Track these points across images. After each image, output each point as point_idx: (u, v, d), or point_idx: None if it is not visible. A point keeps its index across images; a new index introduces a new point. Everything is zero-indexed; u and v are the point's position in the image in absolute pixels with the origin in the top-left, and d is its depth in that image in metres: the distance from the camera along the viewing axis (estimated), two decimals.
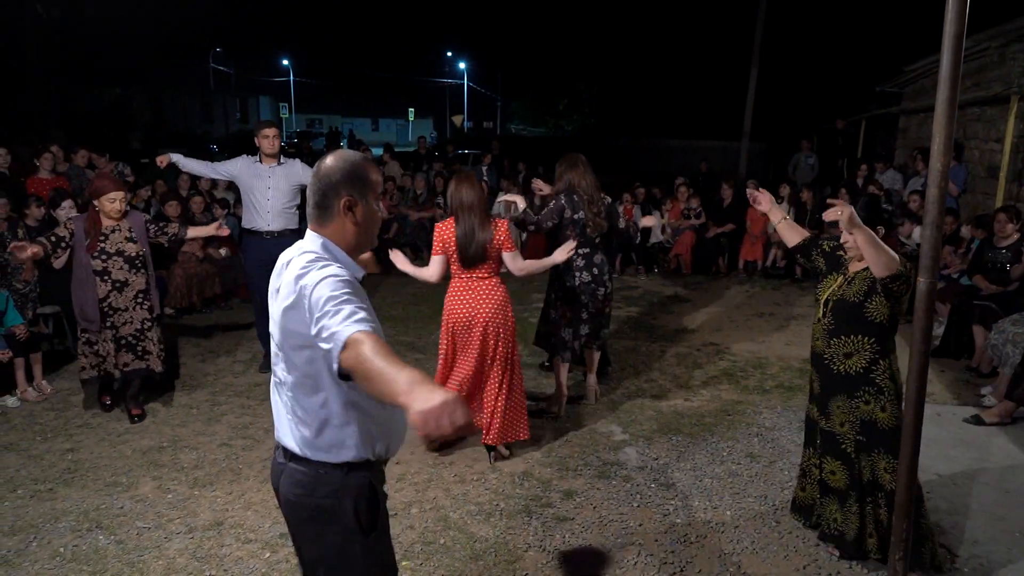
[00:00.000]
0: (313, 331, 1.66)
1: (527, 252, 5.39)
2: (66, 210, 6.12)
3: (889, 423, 3.15)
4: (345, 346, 1.55)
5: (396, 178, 11.88)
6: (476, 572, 3.25)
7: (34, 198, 6.57)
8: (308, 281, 1.73)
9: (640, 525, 3.63)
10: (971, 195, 9.04)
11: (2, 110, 20.08)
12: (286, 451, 1.94)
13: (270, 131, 5.56)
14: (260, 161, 5.55)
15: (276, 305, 1.86)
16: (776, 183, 10.73)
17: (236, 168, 5.62)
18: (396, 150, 15.76)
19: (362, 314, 1.62)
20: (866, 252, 2.91)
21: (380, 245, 8.08)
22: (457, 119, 38.13)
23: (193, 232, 5.07)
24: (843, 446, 3.25)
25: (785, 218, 3.57)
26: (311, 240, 1.91)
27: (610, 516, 3.71)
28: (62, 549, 3.39)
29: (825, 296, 3.26)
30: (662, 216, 10.15)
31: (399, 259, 4.26)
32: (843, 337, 3.17)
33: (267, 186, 5.53)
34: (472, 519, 3.67)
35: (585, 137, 30.50)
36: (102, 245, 4.62)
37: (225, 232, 5.42)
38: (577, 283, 4.88)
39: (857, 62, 21.53)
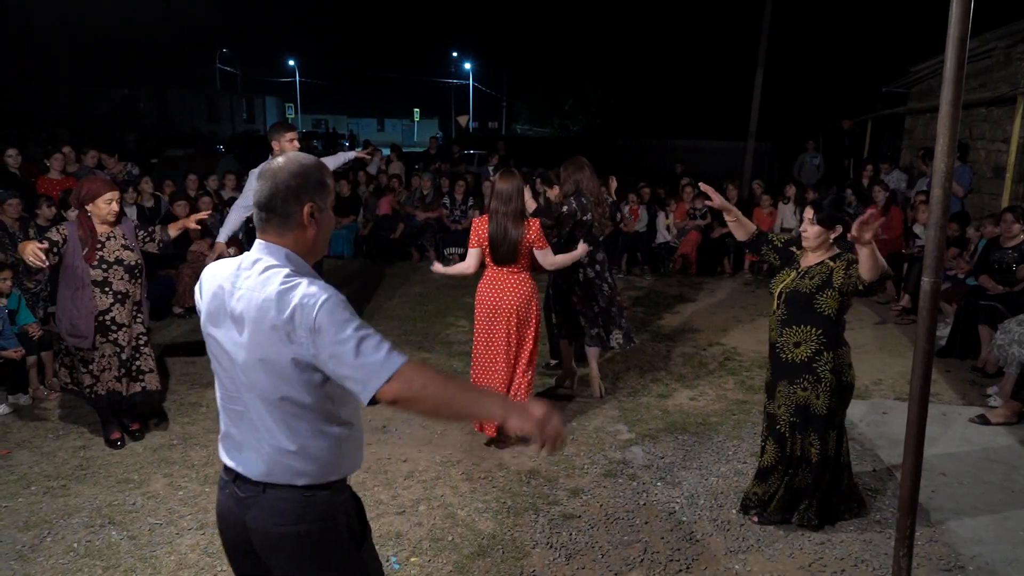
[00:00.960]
0: (328, 359, 1.60)
1: None
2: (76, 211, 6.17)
3: (821, 410, 3.40)
4: (392, 379, 1.58)
5: (401, 177, 11.91)
6: (483, 568, 3.28)
7: (45, 198, 6.64)
8: (302, 300, 1.61)
9: (646, 523, 3.66)
10: (977, 195, 9.04)
11: (13, 112, 20.21)
12: (254, 481, 1.78)
13: (294, 134, 5.37)
14: None
15: (244, 328, 1.70)
16: (781, 183, 10.74)
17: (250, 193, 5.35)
18: (402, 150, 15.81)
19: (387, 341, 1.63)
20: (870, 262, 3.06)
21: (387, 246, 8.16)
22: (462, 119, 38.14)
23: (174, 231, 4.62)
24: (779, 427, 3.51)
25: (737, 218, 3.72)
26: (271, 251, 1.75)
27: (616, 514, 3.74)
28: (75, 544, 3.43)
29: (779, 289, 3.46)
30: (667, 216, 10.17)
31: (439, 268, 4.60)
32: (794, 327, 3.40)
33: None
34: (480, 516, 3.71)
35: (590, 137, 30.50)
36: (100, 253, 4.22)
37: (204, 215, 5.02)
38: (582, 279, 5.14)
39: (863, 62, 21.49)
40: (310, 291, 1.63)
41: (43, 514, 3.70)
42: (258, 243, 1.77)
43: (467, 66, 51.28)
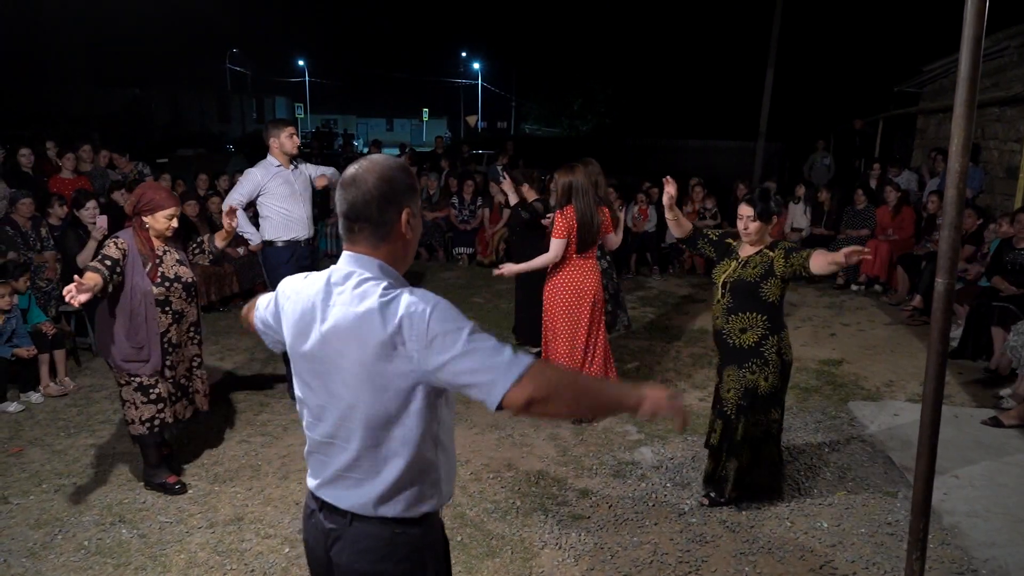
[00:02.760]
0: (445, 369, 1.48)
1: (522, 247, 5.70)
2: (90, 211, 6.22)
3: (767, 390, 3.60)
4: (523, 379, 1.46)
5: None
6: (492, 569, 3.28)
7: (57, 197, 6.68)
8: (409, 310, 1.49)
9: (655, 524, 3.65)
10: (990, 196, 8.97)
11: (27, 112, 20.37)
12: (342, 511, 1.65)
13: (292, 128, 5.25)
14: (281, 165, 5.10)
15: (342, 347, 1.56)
16: (792, 183, 10.69)
17: (257, 182, 5.03)
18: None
19: (505, 344, 1.52)
20: (832, 268, 3.31)
21: None
22: (471, 119, 38.19)
23: (220, 241, 4.29)
24: (726, 409, 3.68)
25: (676, 217, 3.91)
26: (363, 264, 1.61)
27: (626, 515, 3.73)
28: (86, 542, 3.45)
29: (722, 279, 3.65)
30: None
31: (507, 268, 4.78)
32: (740, 314, 3.58)
33: (296, 191, 5.13)
34: (489, 517, 3.70)
35: (600, 137, 30.45)
36: (161, 270, 3.83)
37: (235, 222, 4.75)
38: (605, 266, 5.69)
39: (875, 62, 21.37)
40: (414, 300, 1.51)
41: (54, 512, 3.72)
42: (347, 255, 1.63)
43: (476, 66, 51.33)
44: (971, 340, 6.12)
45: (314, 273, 1.70)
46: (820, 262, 3.32)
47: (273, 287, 5.37)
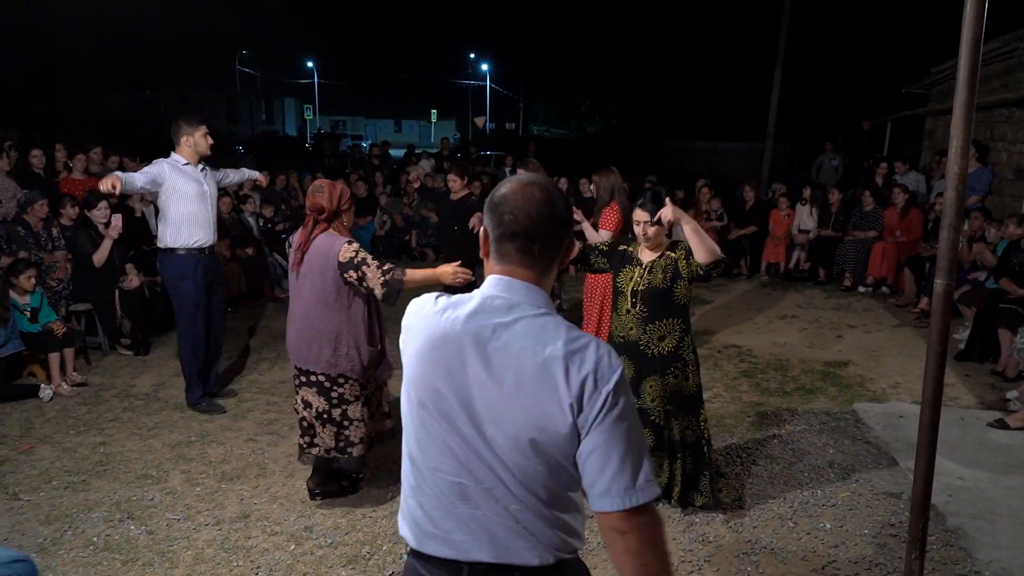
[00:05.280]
0: (592, 444, 1.35)
1: (454, 240, 6.08)
2: (102, 211, 6.28)
3: (692, 390, 3.61)
4: (636, 510, 1.36)
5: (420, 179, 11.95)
6: None
7: (68, 198, 6.75)
8: (599, 367, 1.34)
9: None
10: (998, 198, 8.93)
11: (38, 114, 20.54)
12: (506, 570, 1.43)
13: (205, 128, 4.82)
14: (189, 163, 4.75)
15: (510, 388, 1.36)
16: (800, 185, 10.67)
17: (163, 173, 4.63)
18: (417, 151, 15.87)
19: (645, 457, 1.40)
20: (693, 241, 3.29)
21: (403, 246, 8.11)
22: (479, 120, 38.24)
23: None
24: (652, 418, 3.59)
25: (584, 231, 3.92)
26: (530, 293, 1.42)
27: None
28: (95, 538, 3.50)
29: (630, 288, 3.57)
30: None
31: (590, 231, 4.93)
32: (657, 322, 3.52)
33: (206, 192, 4.78)
34: None
35: (607, 139, 30.44)
36: None
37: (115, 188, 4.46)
38: None
39: (884, 63, 21.30)
40: (602, 355, 1.35)
41: (64, 508, 3.76)
42: (509, 281, 1.43)
43: (484, 67, 51.41)
44: (978, 342, 6.10)
45: (448, 298, 1.47)
46: (692, 244, 3.31)
47: (177, 302, 4.64)
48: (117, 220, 6.09)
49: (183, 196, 4.66)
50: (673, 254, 3.52)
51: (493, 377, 1.37)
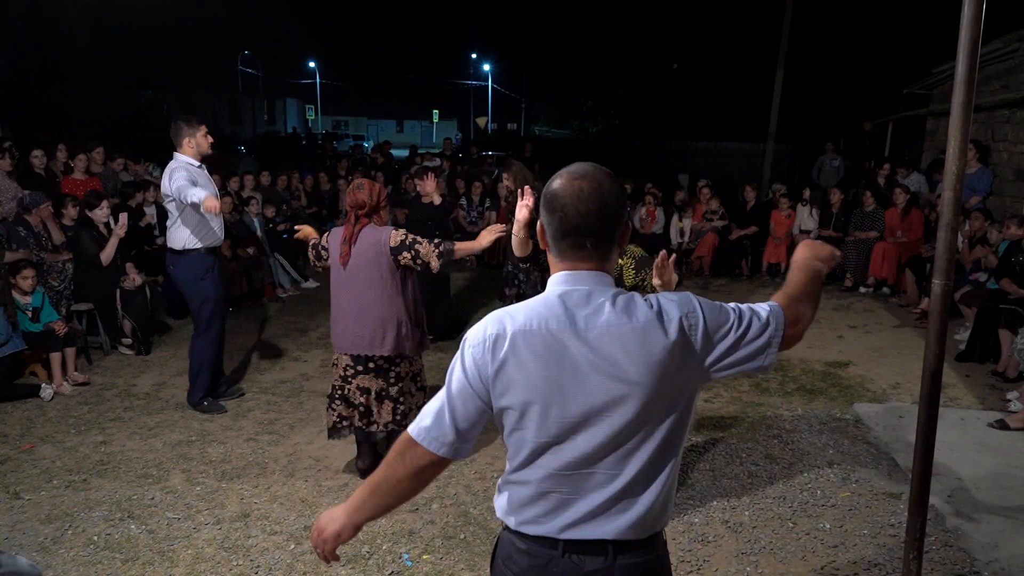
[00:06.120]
0: (729, 354, 1.49)
1: None
2: (104, 211, 6.29)
3: None
4: (788, 321, 1.54)
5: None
6: None
7: (70, 198, 6.77)
8: (682, 310, 1.46)
9: None
10: (999, 198, 8.91)
11: (42, 115, 20.58)
12: (609, 546, 1.50)
13: (205, 127, 4.80)
14: (199, 165, 4.75)
15: (622, 372, 1.43)
16: (801, 186, 10.67)
17: (188, 176, 4.59)
18: (419, 151, 15.90)
19: (753, 304, 1.57)
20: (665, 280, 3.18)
21: None
22: (481, 121, 38.32)
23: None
24: None
25: (521, 239, 3.51)
26: (601, 281, 1.50)
27: None
28: (96, 537, 3.50)
29: None
30: (680, 220, 10.16)
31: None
32: None
33: (215, 192, 4.74)
34: (492, 515, 3.70)
35: (609, 139, 30.45)
36: None
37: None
38: None
39: (885, 64, 21.27)
40: (678, 300, 1.48)
41: (65, 507, 3.77)
42: (579, 274, 1.49)
43: (486, 68, 51.42)
44: (979, 342, 6.10)
45: (519, 306, 1.51)
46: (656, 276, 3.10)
47: (196, 303, 4.78)
48: (124, 218, 6.11)
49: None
50: (620, 260, 3.38)
51: (602, 360, 1.43)
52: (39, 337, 5.39)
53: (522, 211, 3.35)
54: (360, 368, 3.90)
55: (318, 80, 51.24)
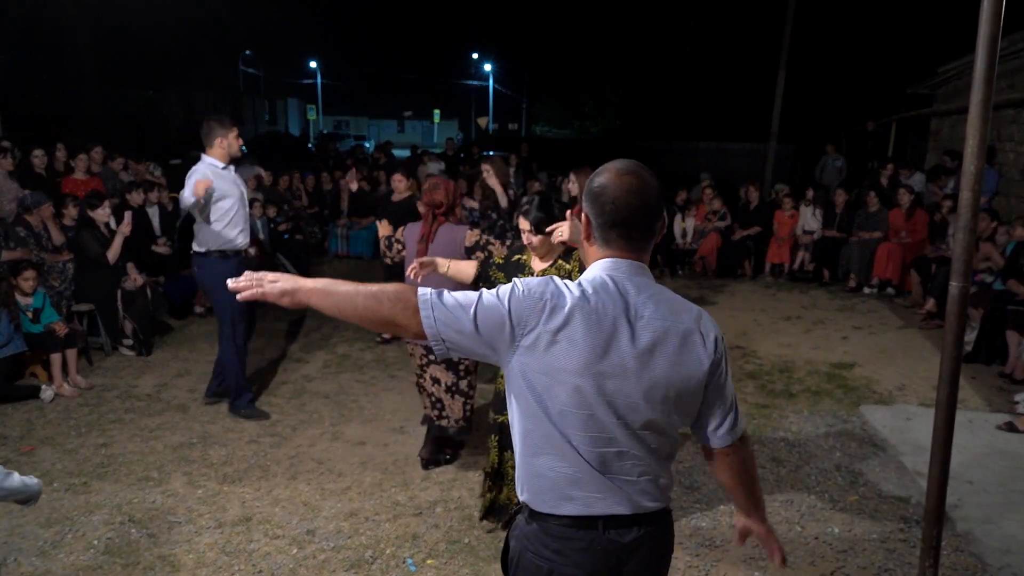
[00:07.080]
0: (715, 390, 1.65)
1: None
2: (105, 210, 6.26)
3: None
4: (743, 437, 1.75)
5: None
6: (499, 572, 3.26)
7: (71, 198, 6.73)
8: (716, 329, 1.65)
9: None
10: (1005, 199, 8.88)
11: (45, 115, 20.54)
12: (636, 519, 1.63)
13: (236, 129, 4.77)
14: (225, 167, 4.72)
15: (657, 360, 1.55)
16: (803, 185, 10.63)
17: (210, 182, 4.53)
18: (420, 151, 15.84)
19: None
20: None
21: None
22: (482, 121, 38.23)
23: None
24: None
25: (458, 271, 3.48)
26: (644, 272, 1.62)
27: None
28: (96, 541, 3.46)
29: None
30: (683, 220, 10.11)
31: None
32: None
33: (243, 194, 4.78)
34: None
35: (611, 139, 30.41)
36: None
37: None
38: None
39: (888, 64, 21.24)
40: (711, 319, 1.66)
41: (65, 511, 3.73)
42: (618, 262, 1.60)
43: (488, 68, 51.35)
44: (986, 344, 6.05)
45: (573, 283, 1.60)
46: None
47: (222, 306, 4.73)
48: (128, 217, 6.08)
49: (226, 200, 4.64)
50: (568, 264, 3.27)
51: (641, 349, 1.54)
52: (39, 338, 5.35)
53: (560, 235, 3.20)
54: (432, 357, 4.01)
55: (319, 80, 51.19)
